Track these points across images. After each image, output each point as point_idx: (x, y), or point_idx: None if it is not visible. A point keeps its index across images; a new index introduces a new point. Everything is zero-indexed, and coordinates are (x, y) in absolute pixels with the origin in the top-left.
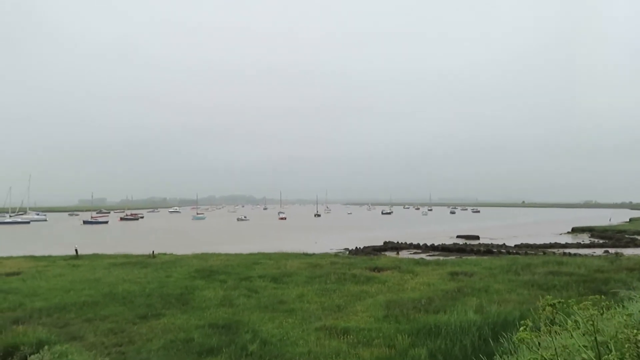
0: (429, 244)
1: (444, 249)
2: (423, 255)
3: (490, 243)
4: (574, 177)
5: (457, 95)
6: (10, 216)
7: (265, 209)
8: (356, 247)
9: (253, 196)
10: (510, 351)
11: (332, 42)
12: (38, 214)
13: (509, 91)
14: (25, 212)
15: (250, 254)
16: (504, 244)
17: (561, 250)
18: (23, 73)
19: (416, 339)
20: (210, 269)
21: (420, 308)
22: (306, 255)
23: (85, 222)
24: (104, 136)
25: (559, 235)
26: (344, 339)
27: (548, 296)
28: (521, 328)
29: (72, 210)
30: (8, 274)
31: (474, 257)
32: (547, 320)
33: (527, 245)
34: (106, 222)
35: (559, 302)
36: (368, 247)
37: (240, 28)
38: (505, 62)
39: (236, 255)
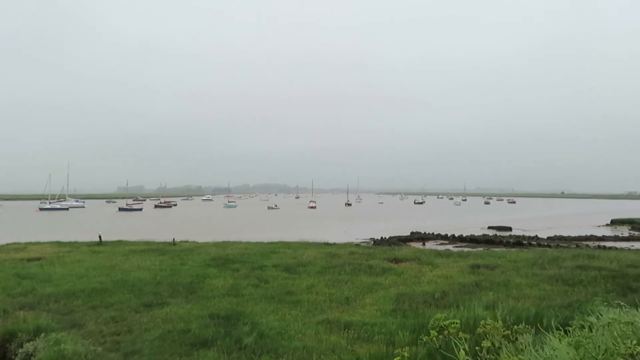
0: (457, 235)
1: (471, 240)
2: (449, 247)
3: (521, 235)
4: (617, 168)
5: (492, 83)
6: (49, 202)
7: (297, 197)
8: (381, 237)
9: (286, 185)
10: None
11: (354, 32)
12: (77, 201)
13: (545, 79)
14: (64, 199)
15: (271, 243)
16: (536, 235)
17: (596, 243)
18: (67, 65)
19: (419, 336)
20: (226, 257)
21: (431, 302)
22: (326, 244)
23: (120, 209)
24: (144, 126)
25: (597, 228)
26: (344, 334)
27: (439, 315)
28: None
29: (110, 197)
30: (30, 259)
31: (501, 249)
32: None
33: (560, 238)
34: (140, 209)
35: (452, 323)
36: (393, 237)
37: (266, 19)
38: (540, 48)
39: (256, 243)
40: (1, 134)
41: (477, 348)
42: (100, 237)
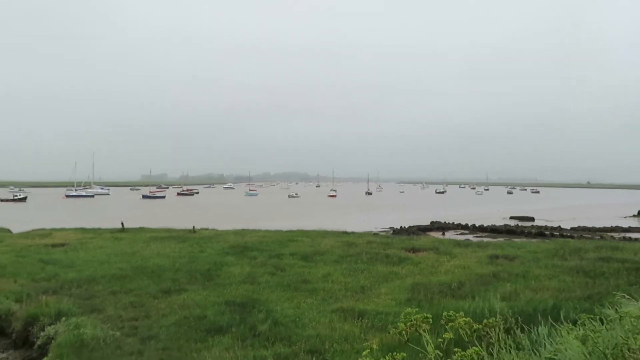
0: (477, 225)
1: (492, 230)
2: (469, 237)
3: (544, 225)
4: None
5: (513, 69)
6: (75, 190)
7: (317, 186)
8: (400, 227)
9: (307, 173)
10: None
11: (371, 19)
12: (102, 188)
13: (568, 64)
14: (90, 186)
15: (289, 231)
16: (559, 226)
17: (622, 235)
18: (89, 56)
19: (432, 327)
20: (244, 245)
21: (447, 293)
22: (345, 233)
23: (144, 197)
24: (167, 115)
25: (623, 219)
26: (358, 322)
27: (410, 309)
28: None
29: (134, 185)
30: (54, 245)
31: (521, 240)
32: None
33: (584, 229)
34: (163, 197)
35: (425, 317)
36: (413, 226)
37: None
38: (564, 31)
39: (275, 232)
40: (27, 126)
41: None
42: (122, 224)
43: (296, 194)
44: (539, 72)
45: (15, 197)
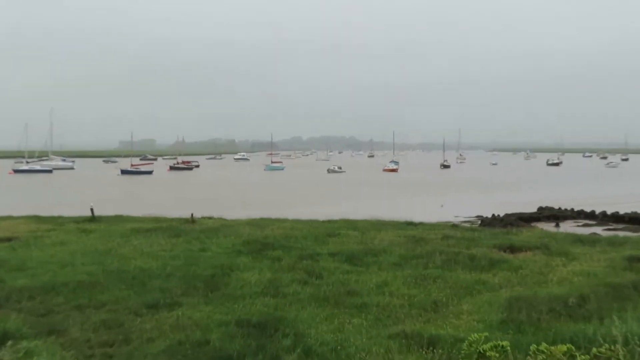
0: (609, 213)
1: (631, 219)
2: (597, 229)
3: None
4: None
5: None
6: (27, 162)
7: (370, 156)
8: (493, 215)
9: (355, 138)
10: None
11: None
12: (64, 160)
13: None
14: (46, 157)
15: (329, 221)
16: None
17: None
18: None
19: None
20: (264, 241)
21: (561, 311)
22: (410, 224)
23: (123, 172)
24: (155, 61)
25: None
26: (428, 353)
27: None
28: None
29: (109, 156)
30: None
31: None
32: None
33: None
34: (150, 172)
35: (495, 346)
36: (511, 214)
37: None
38: None
39: (308, 222)
40: None
41: None
42: (92, 210)
43: (339, 168)
44: None
45: None
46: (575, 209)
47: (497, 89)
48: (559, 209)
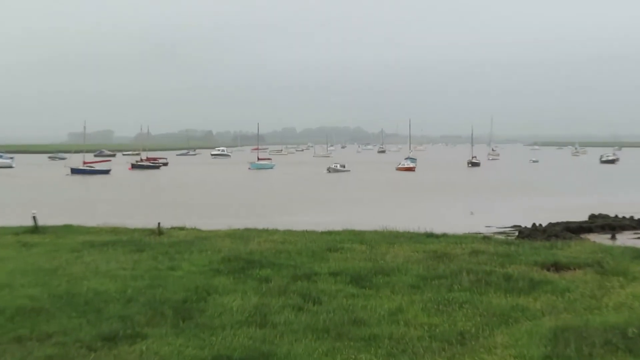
0: None
1: None
2: None
3: None
4: None
5: None
6: None
7: (381, 151)
8: (533, 224)
9: (361, 129)
10: None
11: None
12: (0, 156)
13: None
14: None
15: (329, 232)
16: None
17: None
18: None
19: None
20: (249, 257)
21: (619, 345)
22: (430, 236)
23: (74, 171)
24: (112, 34)
25: None
26: None
27: None
28: None
29: (55, 151)
30: None
31: None
32: None
33: None
34: (107, 172)
35: None
36: (557, 224)
37: None
38: None
39: (303, 233)
40: None
41: None
42: (35, 219)
43: (342, 166)
44: None
45: None
46: (635, 217)
47: (537, 71)
48: (615, 217)
